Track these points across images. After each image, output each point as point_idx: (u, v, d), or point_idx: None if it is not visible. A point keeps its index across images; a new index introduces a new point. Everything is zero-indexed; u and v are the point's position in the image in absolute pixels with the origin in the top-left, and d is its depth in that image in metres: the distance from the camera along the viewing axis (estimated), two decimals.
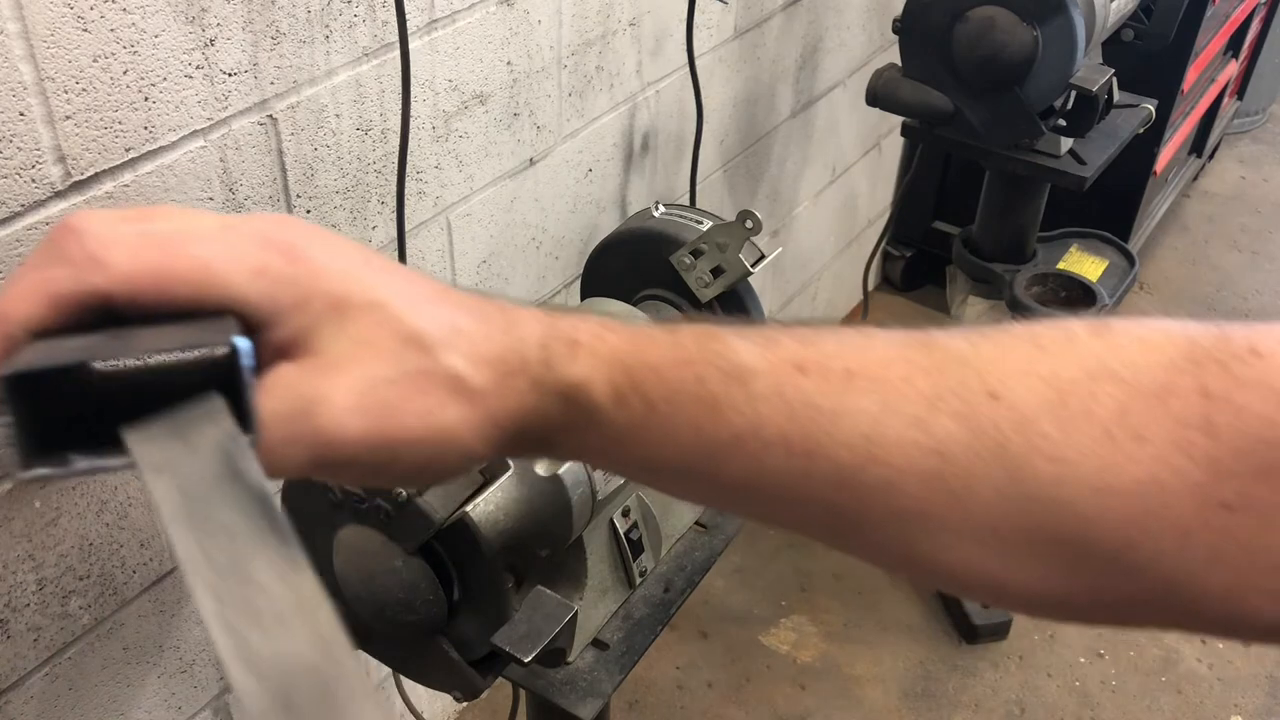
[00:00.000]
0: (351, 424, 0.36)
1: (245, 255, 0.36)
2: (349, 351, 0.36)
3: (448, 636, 0.78)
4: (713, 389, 0.39)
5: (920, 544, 0.39)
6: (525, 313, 0.41)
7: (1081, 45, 1.29)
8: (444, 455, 0.38)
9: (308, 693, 0.25)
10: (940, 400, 0.38)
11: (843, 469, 0.39)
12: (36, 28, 0.70)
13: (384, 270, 0.38)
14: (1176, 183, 2.58)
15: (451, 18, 1.04)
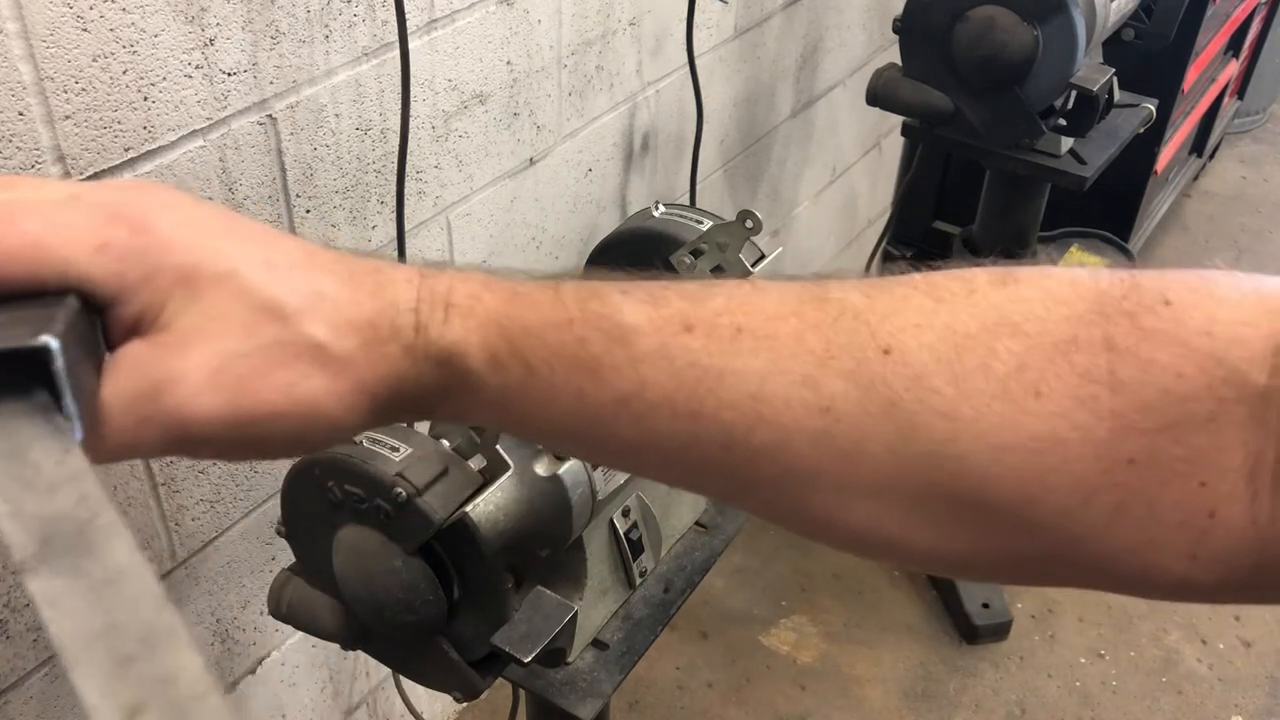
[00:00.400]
0: (205, 402, 0.34)
1: (87, 229, 0.33)
2: (200, 326, 0.34)
3: (447, 637, 0.78)
4: (594, 351, 0.38)
5: (814, 504, 0.38)
6: (398, 272, 0.39)
7: (1082, 45, 1.29)
8: (312, 427, 0.37)
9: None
10: (831, 358, 0.37)
11: (731, 430, 0.37)
12: (36, 27, 0.70)
13: (241, 237, 0.36)
14: (1177, 182, 2.58)
15: (451, 17, 1.04)
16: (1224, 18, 2.22)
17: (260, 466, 1.02)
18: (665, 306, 0.38)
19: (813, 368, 0.37)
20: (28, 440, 0.30)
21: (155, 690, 0.25)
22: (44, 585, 0.27)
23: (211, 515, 0.99)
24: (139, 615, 0.26)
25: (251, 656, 1.12)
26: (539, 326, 0.38)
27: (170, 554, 0.96)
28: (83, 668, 0.25)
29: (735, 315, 0.38)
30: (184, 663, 0.25)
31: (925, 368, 0.36)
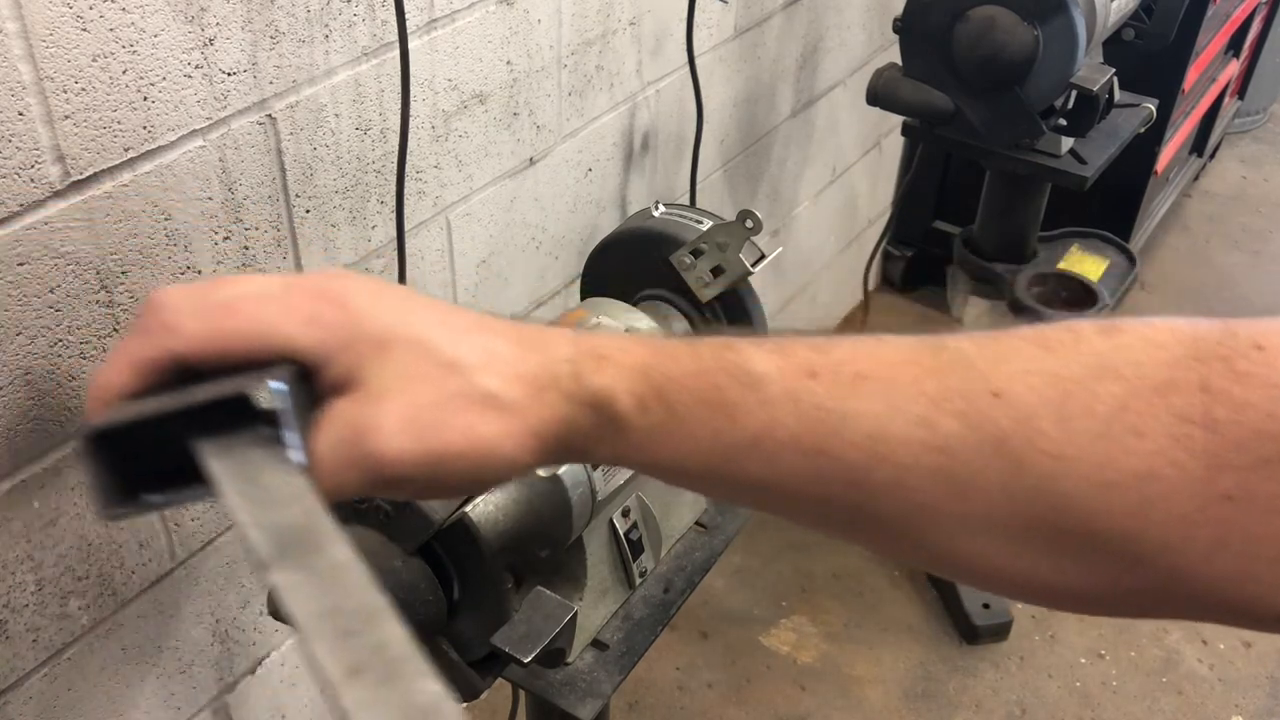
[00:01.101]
0: (398, 445, 0.40)
1: (299, 308, 0.41)
2: (392, 382, 0.41)
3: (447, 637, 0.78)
4: (728, 395, 0.42)
5: (932, 538, 0.41)
6: (557, 333, 0.45)
7: (1082, 45, 1.29)
8: (489, 465, 0.42)
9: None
10: (945, 400, 0.40)
11: (852, 468, 0.41)
12: (35, 27, 0.70)
13: (424, 309, 0.43)
14: (1177, 182, 2.58)
15: (451, 17, 1.04)
16: (1224, 17, 2.22)
17: None
18: (792, 356, 0.43)
19: (928, 409, 0.40)
20: (259, 467, 0.39)
21: (372, 655, 0.31)
22: (283, 578, 0.34)
23: (211, 515, 0.99)
24: (356, 598, 0.33)
25: (251, 657, 1.11)
26: (679, 374, 0.43)
27: (170, 554, 0.96)
28: (315, 639, 0.32)
29: (856, 363, 0.42)
30: (393, 634, 0.32)
31: (1033, 409, 0.39)
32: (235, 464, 0.39)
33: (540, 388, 0.43)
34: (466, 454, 0.41)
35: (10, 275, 0.74)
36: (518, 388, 0.42)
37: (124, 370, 0.40)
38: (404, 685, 0.30)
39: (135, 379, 0.40)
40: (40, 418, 0.80)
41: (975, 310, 1.71)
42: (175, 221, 0.85)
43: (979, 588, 0.45)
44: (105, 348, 0.83)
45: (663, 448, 0.43)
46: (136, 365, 0.40)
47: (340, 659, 0.31)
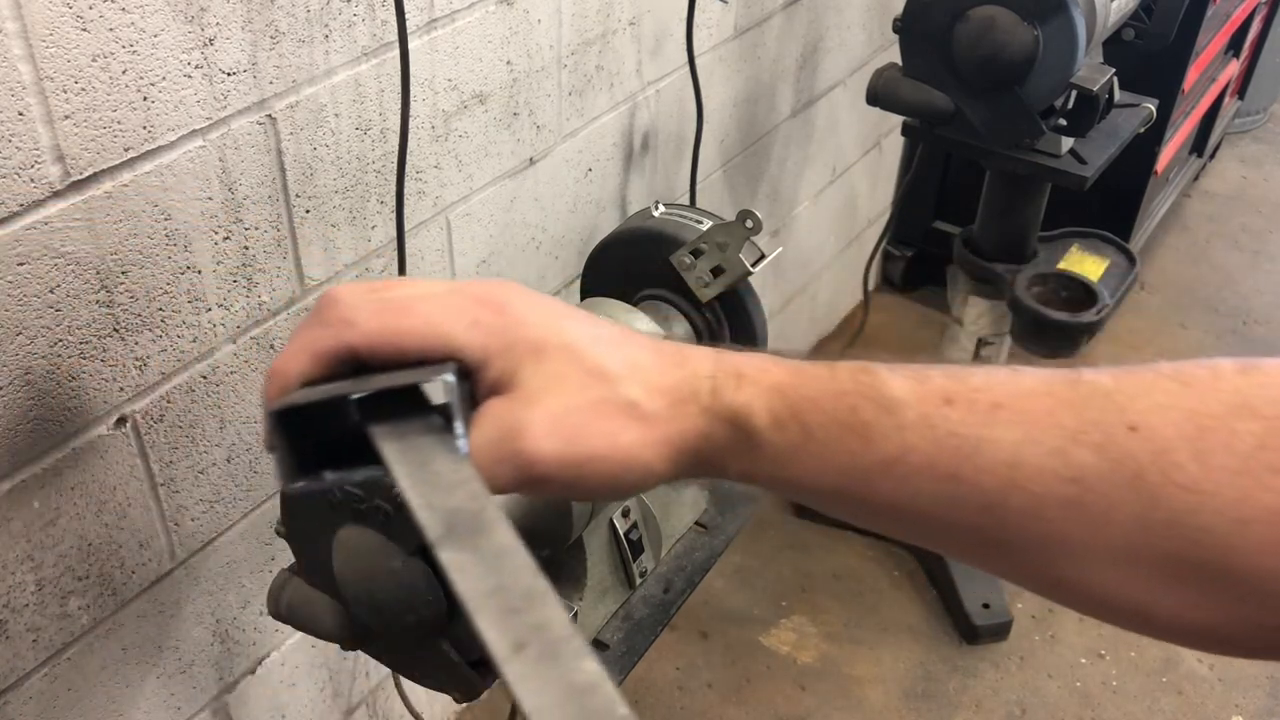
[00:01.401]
0: (547, 446, 0.43)
1: (463, 311, 0.44)
2: (545, 385, 0.43)
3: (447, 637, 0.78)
4: (864, 418, 0.43)
5: (1064, 568, 0.42)
6: (697, 350, 0.47)
7: (1082, 45, 1.29)
8: (627, 471, 0.44)
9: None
10: (1081, 432, 0.41)
11: (986, 494, 0.42)
12: (35, 27, 0.70)
13: (575, 319, 0.46)
14: (1177, 182, 2.58)
15: (451, 17, 1.04)
16: (1224, 17, 2.22)
17: (259, 466, 1.02)
18: (928, 383, 0.44)
19: (1064, 440, 0.41)
20: (429, 454, 0.41)
21: (534, 634, 0.33)
22: (451, 556, 0.36)
23: (211, 516, 0.99)
24: (520, 580, 0.36)
25: (251, 657, 1.11)
26: (817, 395, 0.44)
27: (170, 554, 0.96)
28: (482, 614, 0.34)
29: (993, 392, 0.43)
30: (554, 616, 0.34)
31: (1170, 444, 0.39)
32: (407, 449, 0.41)
33: (680, 400, 0.45)
34: (607, 459, 0.43)
35: (10, 275, 0.74)
36: (659, 399, 0.44)
37: (303, 358, 0.43)
38: (565, 664, 0.32)
39: (313, 367, 0.43)
40: (40, 418, 0.80)
41: (975, 310, 1.71)
42: (175, 221, 0.85)
43: (1108, 621, 0.45)
44: (105, 348, 0.83)
45: (796, 466, 0.44)
46: (315, 354, 0.43)
47: (506, 634, 0.33)
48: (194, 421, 0.93)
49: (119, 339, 0.84)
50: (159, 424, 0.90)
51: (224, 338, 0.93)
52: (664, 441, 0.44)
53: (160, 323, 0.87)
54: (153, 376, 0.88)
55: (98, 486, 0.87)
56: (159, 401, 0.89)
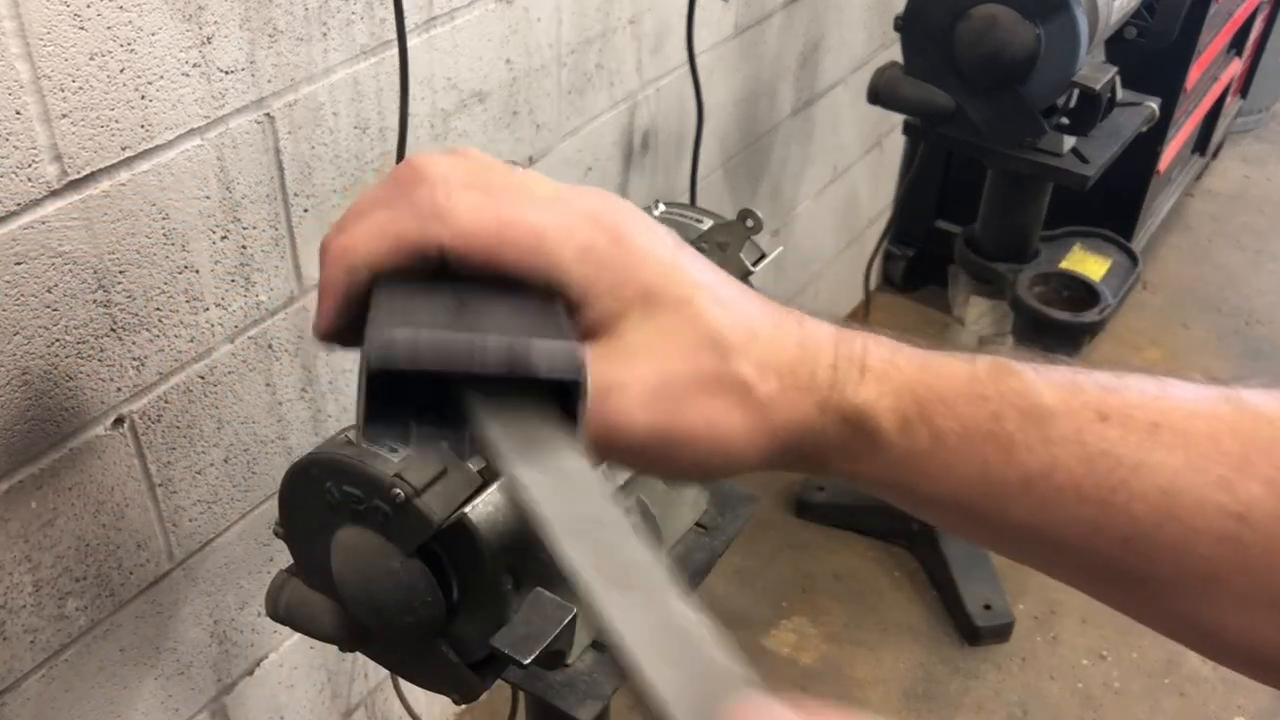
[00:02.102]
0: (639, 416, 0.37)
1: (575, 230, 0.37)
2: (650, 343, 0.37)
3: (446, 638, 0.77)
4: (1008, 427, 0.38)
5: (1211, 612, 0.38)
6: (819, 327, 0.41)
7: (1084, 43, 1.29)
8: (716, 457, 0.39)
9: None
10: (1249, 463, 0.37)
11: (1137, 523, 0.37)
12: (33, 25, 0.70)
13: (694, 264, 0.39)
14: (1180, 181, 2.57)
15: (450, 15, 1.03)
16: (1227, 16, 2.21)
17: (257, 467, 1.01)
18: (1081, 393, 0.39)
19: (1229, 470, 0.37)
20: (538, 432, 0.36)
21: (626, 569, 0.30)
22: (529, 474, 0.34)
23: (209, 516, 0.98)
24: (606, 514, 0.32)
25: (249, 658, 1.11)
26: (952, 396, 0.39)
27: (168, 555, 0.95)
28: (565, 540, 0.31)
29: (1151, 410, 0.38)
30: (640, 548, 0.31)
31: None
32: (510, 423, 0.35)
33: (796, 387, 0.39)
34: (699, 441, 0.38)
35: (8, 275, 0.74)
36: (773, 381, 0.39)
37: (380, 242, 0.36)
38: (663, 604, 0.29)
39: (390, 255, 0.36)
40: (38, 418, 0.79)
41: (977, 310, 1.71)
42: (173, 220, 0.84)
43: (1250, 673, 0.40)
44: (103, 347, 0.82)
45: (919, 474, 0.40)
46: (396, 242, 0.36)
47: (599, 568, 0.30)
48: (191, 422, 0.93)
49: (116, 339, 0.83)
50: (156, 424, 0.90)
51: (222, 338, 0.93)
52: (768, 432, 0.39)
53: (158, 322, 0.86)
54: (150, 376, 0.87)
55: (95, 487, 0.86)
56: (156, 402, 0.89)
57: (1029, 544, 0.40)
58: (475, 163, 0.39)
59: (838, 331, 0.41)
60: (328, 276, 0.38)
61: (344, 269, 0.37)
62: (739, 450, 0.39)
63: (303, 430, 1.06)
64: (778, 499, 1.96)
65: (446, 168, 0.37)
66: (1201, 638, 0.40)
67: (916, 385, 0.39)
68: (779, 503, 1.96)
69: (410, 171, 0.37)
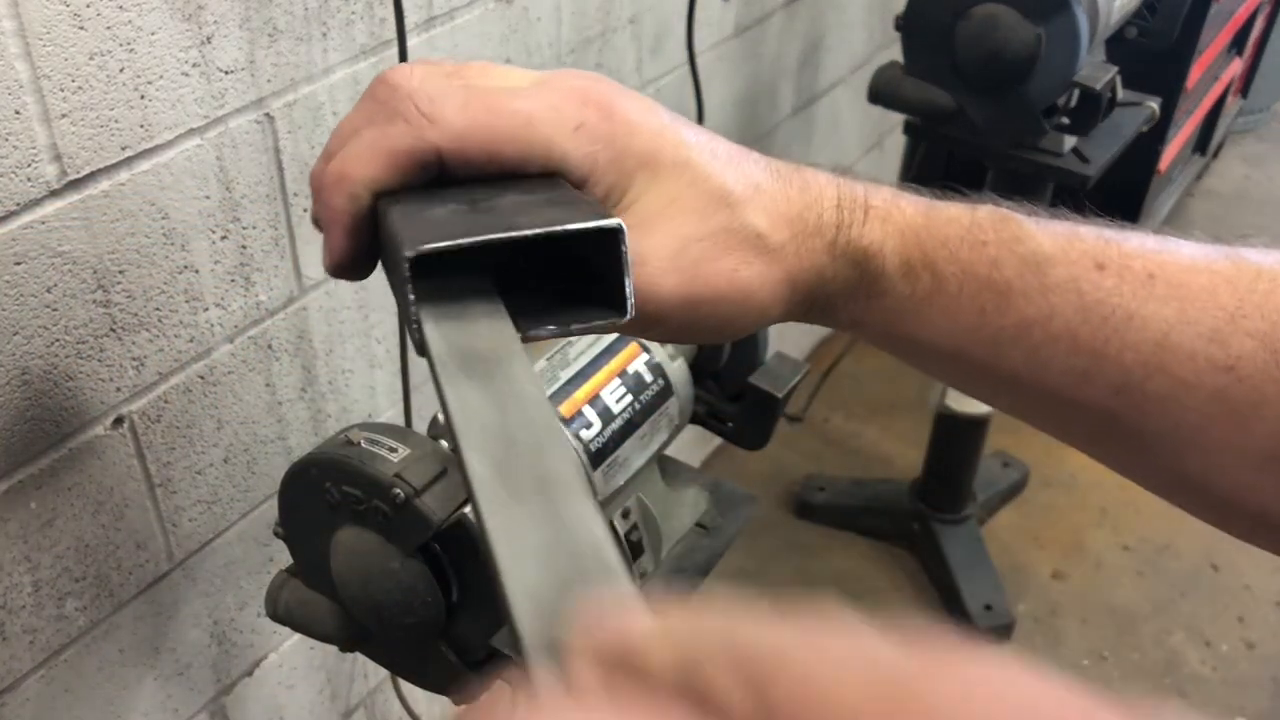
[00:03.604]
0: (665, 282, 0.37)
1: (565, 111, 0.36)
2: (660, 209, 0.37)
3: (446, 639, 0.77)
4: (1006, 273, 0.38)
5: (1191, 463, 0.38)
6: (820, 174, 0.41)
7: (1085, 43, 1.28)
8: (744, 311, 0.39)
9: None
10: (1243, 316, 0.36)
11: (1127, 374, 0.37)
12: (32, 25, 0.70)
13: (689, 128, 0.39)
14: (1180, 181, 2.57)
15: (450, 15, 1.03)
16: (1227, 16, 2.21)
17: (256, 467, 1.01)
18: (1079, 242, 0.39)
19: (1223, 323, 0.36)
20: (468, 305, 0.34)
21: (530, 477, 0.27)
22: (454, 390, 0.31)
23: (209, 516, 0.98)
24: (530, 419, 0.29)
25: (248, 659, 1.11)
26: (954, 241, 0.39)
27: (167, 555, 0.95)
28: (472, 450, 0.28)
29: (1148, 261, 0.38)
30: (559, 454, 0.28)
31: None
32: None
33: (805, 233, 0.39)
34: (726, 297, 0.38)
35: (7, 275, 0.74)
36: (784, 229, 0.39)
37: (375, 160, 0.35)
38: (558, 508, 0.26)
39: (388, 172, 0.36)
40: (37, 418, 0.79)
41: None
42: (172, 220, 0.84)
43: (1225, 526, 0.40)
44: (102, 347, 0.82)
45: (917, 320, 0.39)
46: (392, 156, 0.35)
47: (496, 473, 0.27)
48: (191, 422, 0.93)
49: (116, 339, 0.83)
50: (156, 424, 0.89)
51: (221, 338, 0.93)
52: (785, 280, 0.39)
53: (157, 322, 0.86)
54: (150, 376, 0.87)
55: (95, 487, 0.86)
56: (156, 402, 0.89)
57: (1024, 394, 0.40)
58: (449, 65, 0.39)
59: (837, 177, 0.41)
60: (330, 206, 0.37)
61: (345, 195, 0.36)
62: (763, 302, 0.39)
63: (303, 430, 1.06)
64: (778, 499, 1.96)
65: (423, 75, 0.37)
66: (1191, 494, 0.39)
67: (919, 229, 0.39)
68: (779, 503, 1.96)
69: (387, 87, 0.37)
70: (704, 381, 0.91)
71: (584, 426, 0.78)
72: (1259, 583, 1.83)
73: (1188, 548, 1.87)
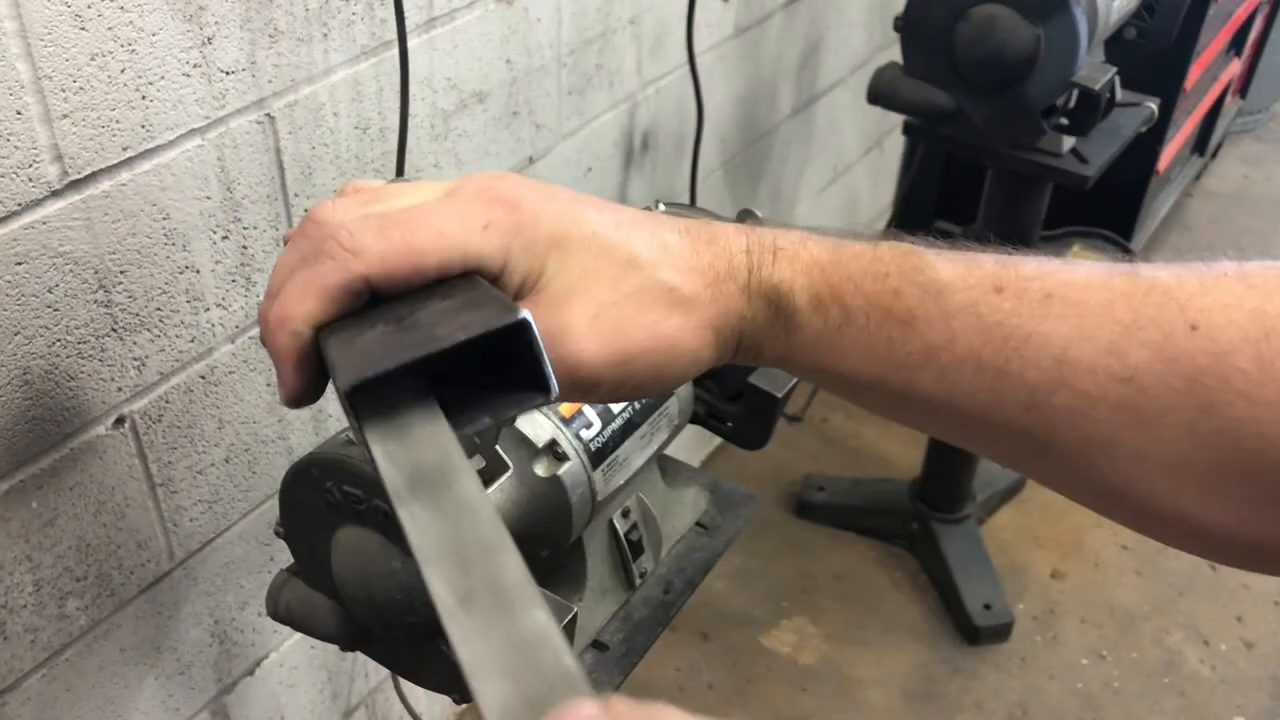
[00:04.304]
0: (589, 347, 0.39)
1: (473, 215, 0.39)
2: (575, 283, 0.40)
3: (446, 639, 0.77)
4: (908, 303, 0.40)
5: (1108, 472, 0.39)
6: (726, 226, 0.43)
7: (1084, 44, 1.29)
8: (674, 360, 0.41)
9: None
10: (1138, 329, 0.38)
11: (1033, 391, 0.39)
12: (34, 25, 0.70)
13: (591, 204, 0.42)
14: (1179, 182, 2.57)
15: (450, 16, 1.03)
16: (1226, 16, 2.21)
17: (257, 467, 1.02)
18: (977, 268, 0.41)
19: (1119, 337, 0.38)
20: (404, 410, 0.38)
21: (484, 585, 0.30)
22: (408, 511, 0.34)
23: (210, 516, 0.99)
24: (478, 531, 0.32)
25: (249, 658, 1.11)
26: (858, 276, 0.41)
27: (168, 555, 0.95)
28: (431, 567, 0.31)
29: (1045, 281, 0.40)
30: (509, 565, 0.31)
31: (1232, 345, 0.37)
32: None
33: (718, 280, 0.42)
34: (653, 349, 0.41)
35: (8, 275, 0.74)
36: (696, 280, 0.41)
37: (310, 300, 0.39)
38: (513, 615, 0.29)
39: (323, 306, 0.39)
40: (38, 418, 0.80)
41: None
42: (173, 221, 0.84)
43: (1148, 531, 0.41)
44: (103, 347, 0.82)
45: (833, 352, 0.42)
46: (325, 292, 0.39)
47: (452, 587, 0.30)
48: (192, 422, 0.93)
49: (117, 339, 0.83)
50: (157, 424, 0.90)
51: (222, 338, 0.93)
52: (707, 325, 0.41)
53: (159, 323, 0.86)
54: (151, 376, 0.87)
55: (96, 487, 0.86)
56: (157, 402, 0.89)
57: (943, 418, 0.42)
58: (364, 194, 0.42)
59: (745, 226, 0.43)
60: (276, 346, 0.40)
61: (288, 335, 0.39)
62: (690, 349, 0.41)
63: (303, 430, 1.06)
64: (778, 499, 1.96)
65: (342, 208, 0.41)
66: (1113, 503, 0.41)
67: (825, 265, 0.42)
68: (779, 503, 1.96)
69: (313, 225, 0.41)
70: (704, 381, 0.91)
71: (584, 426, 0.78)
72: (1258, 582, 1.84)
73: None
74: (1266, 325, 0.36)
